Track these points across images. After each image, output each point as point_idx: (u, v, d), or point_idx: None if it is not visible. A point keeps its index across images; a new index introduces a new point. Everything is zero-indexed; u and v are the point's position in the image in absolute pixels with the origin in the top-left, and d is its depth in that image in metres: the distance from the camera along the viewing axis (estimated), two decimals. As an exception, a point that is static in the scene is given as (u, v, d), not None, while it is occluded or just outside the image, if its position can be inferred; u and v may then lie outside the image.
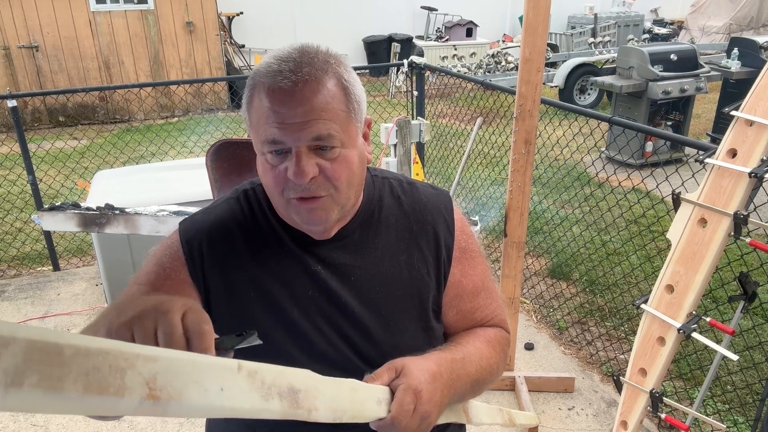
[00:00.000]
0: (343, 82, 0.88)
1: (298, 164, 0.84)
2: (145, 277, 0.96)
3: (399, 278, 0.99)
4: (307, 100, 0.84)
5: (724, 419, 2.44)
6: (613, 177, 3.87)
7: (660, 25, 12.51)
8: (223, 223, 0.98)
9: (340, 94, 0.87)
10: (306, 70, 0.85)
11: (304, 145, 0.85)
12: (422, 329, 1.00)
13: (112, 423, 2.48)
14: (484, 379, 0.98)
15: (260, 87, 0.86)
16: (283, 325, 0.95)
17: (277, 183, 0.88)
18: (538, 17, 2.06)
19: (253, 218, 0.99)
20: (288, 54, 0.87)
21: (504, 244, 2.43)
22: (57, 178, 4.60)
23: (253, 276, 0.96)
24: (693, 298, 1.75)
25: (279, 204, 0.92)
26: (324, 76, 0.86)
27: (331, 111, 0.85)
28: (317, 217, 0.90)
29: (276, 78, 0.85)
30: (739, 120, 1.71)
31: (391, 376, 0.82)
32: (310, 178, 0.85)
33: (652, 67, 5.35)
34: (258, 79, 0.87)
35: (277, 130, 0.84)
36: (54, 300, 3.45)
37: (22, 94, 4.98)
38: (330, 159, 0.87)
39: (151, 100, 7.64)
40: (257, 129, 0.88)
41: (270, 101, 0.85)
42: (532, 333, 3.10)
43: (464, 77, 4.14)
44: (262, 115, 0.86)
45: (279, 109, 0.84)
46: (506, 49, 9.22)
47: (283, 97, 0.84)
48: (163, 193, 3.07)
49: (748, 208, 1.70)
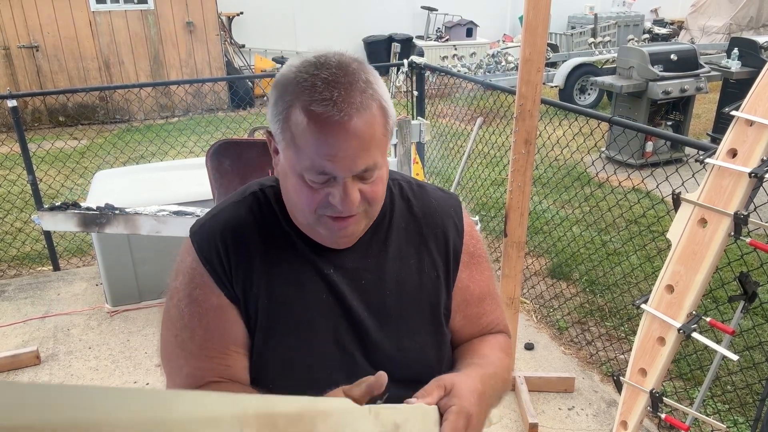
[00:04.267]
0: (383, 104, 0.86)
1: (346, 194, 0.85)
2: (189, 321, 0.94)
3: (409, 282, 0.98)
4: (360, 133, 0.82)
5: (724, 419, 2.44)
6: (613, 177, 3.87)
7: (660, 25, 12.51)
8: (234, 227, 0.95)
9: (381, 118, 0.85)
10: (357, 97, 0.82)
11: (352, 175, 0.85)
12: (431, 333, 0.99)
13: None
14: (505, 390, 1.00)
15: (305, 107, 0.82)
16: (295, 327, 0.95)
17: (312, 202, 0.87)
18: (538, 17, 2.06)
19: (264, 221, 0.97)
20: (333, 75, 0.82)
21: (504, 244, 2.43)
22: (57, 178, 4.60)
23: (267, 278, 0.95)
24: (693, 298, 1.75)
25: (306, 219, 0.91)
26: (371, 102, 0.83)
27: (377, 139, 0.85)
28: (348, 233, 0.91)
29: (328, 108, 0.80)
30: (739, 120, 1.71)
31: (440, 395, 0.82)
32: (356, 204, 0.86)
33: (653, 67, 5.35)
34: (301, 98, 0.82)
35: (329, 163, 0.82)
36: (54, 300, 3.45)
37: (22, 94, 4.98)
38: (370, 182, 0.87)
39: (151, 100, 7.63)
40: (298, 151, 0.84)
41: (320, 129, 0.81)
42: (532, 333, 3.10)
43: (464, 77, 4.14)
44: (308, 142, 0.82)
45: (332, 142, 0.81)
46: (506, 49, 9.22)
47: (336, 130, 0.81)
48: (163, 193, 3.07)
49: (749, 208, 1.70)
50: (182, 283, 0.95)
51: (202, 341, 0.93)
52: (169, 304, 0.96)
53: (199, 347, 0.93)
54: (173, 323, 0.95)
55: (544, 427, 2.44)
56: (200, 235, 0.95)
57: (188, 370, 0.94)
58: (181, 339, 0.94)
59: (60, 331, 3.13)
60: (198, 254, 0.94)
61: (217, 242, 0.94)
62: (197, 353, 0.93)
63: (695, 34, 11.31)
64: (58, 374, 2.78)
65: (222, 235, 0.94)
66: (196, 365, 0.94)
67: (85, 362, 2.87)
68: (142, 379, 2.72)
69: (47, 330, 3.14)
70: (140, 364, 2.85)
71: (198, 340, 0.93)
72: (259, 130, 2.59)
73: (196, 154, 5.20)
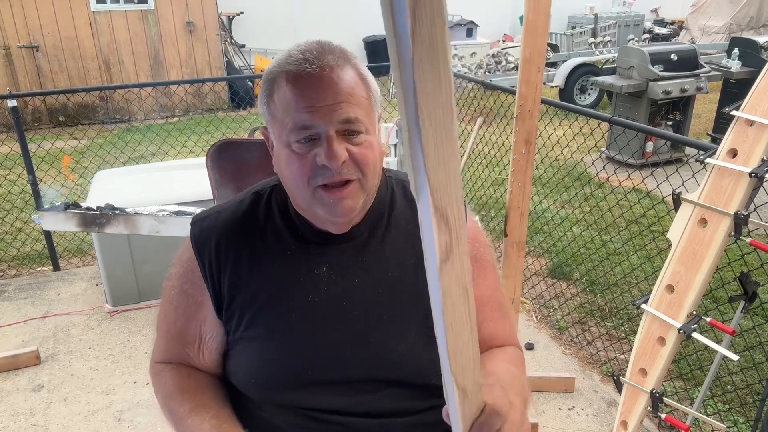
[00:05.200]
0: (362, 72, 0.90)
1: (330, 148, 0.85)
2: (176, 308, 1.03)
3: (404, 282, 0.98)
4: (335, 84, 0.85)
5: (724, 419, 2.44)
6: (613, 177, 3.87)
7: (660, 25, 12.51)
8: (230, 225, 0.99)
9: (360, 82, 0.89)
10: (330, 57, 0.86)
11: (334, 129, 0.85)
12: (423, 335, 0.98)
13: (112, 423, 2.48)
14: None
15: (282, 77, 0.87)
16: (279, 327, 0.95)
17: (303, 172, 0.87)
18: (539, 17, 2.06)
19: (261, 220, 0.99)
20: (307, 45, 0.88)
21: (504, 244, 2.43)
22: (57, 178, 4.60)
23: (255, 277, 0.96)
24: (693, 298, 1.75)
25: (303, 197, 0.91)
26: (346, 64, 0.88)
27: (356, 96, 0.87)
28: (345, 206, 0.89)
29: (302, 65, 0.85)
30: (739, 120, 1.71)
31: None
32: (342, 161, 0.85)
33: (653, 67, 5.35)
34: (279, 70, 0.87)
35: (308, 115, 0.84)
36: (54, 300, 3.45)
37: (22, 94, 4.99)
38: (357, 144, 0.87)
39: (151, 100, 7.63)
40: (283, 119, 0.87)
41: (297, 87, 0.85)
42: (532, 333, 3.10)
43: (464, 77, 4.14)
44: (288, 104, 0.86)
45: (308, 94, 0.84)
46: (506, 49, 9.21)
47: (311, 82, 0.84)
48: (163, 193, 3.07)
49: (749, 208, 1.70)
50: (178, 273, 1.03)
51: (182, 329, 1.03)
52: (167, 285, 1.05)
53: (178, 333, 1.03)
54: (166, 302, 1.05)
55: (544, 427, 2.44)
56: (199, 227, 1.00)
57: (165, 344, 1.07)
58: (168, 319, 1.05)
59: (60, 331, 3.13)
60: (193, 247, 0.99)
61: (212, 239, 0.98)
62: (175, 336, 1.04)
63: (695, 34, 11.30)
64: (58, 374, 2.78)
65: (218, 232, 0.98)
66: (171, 345, 1.05)
67: (85, 362, 2.87)
68: (143, 379, 2.72)
69: (47, 330, 3.14)
70: (140, 364, 2.85)
71: (179, 326, 1.03)
72: (259, 129, 2.59)
73: (196, 154, 5.20)
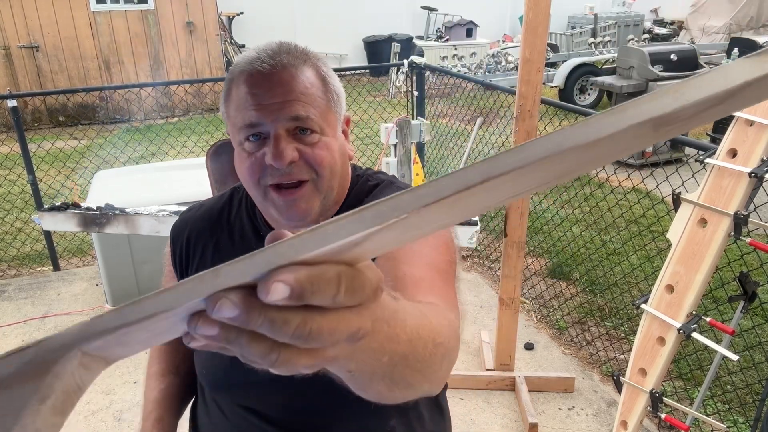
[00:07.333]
0: (322, 72, 0.86)
1: (277, 146, 0.81)
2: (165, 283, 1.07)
3: None
4: (285, 82, 0.82)
5: (724, 419, 2.44)
6: (613, 177, 3.87)
7: (660, 25, 12.51)
8: (202, 220, 1.02)
9: (318, 82, 0.85)
10: (284, 56, 0.83)
11: (283, 128, 0.82)
12: None
13: (112, 423, 2.48)
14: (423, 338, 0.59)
15: (238, 77, 0.84)
16: None
17: (253, 171, 0.84)
18: (538, 17, 2.06)
19: (228, 216, 1.00)
20: (266, 45, 0.86)
21: (504, 244, 2.43)
22: (57, 178, 4.60)
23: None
24: (693, 298, 1.75)
25: (256, 197, 0.88)
26: (303, 64, 0.84)
27: (309, 95, 0.83)
28: (298, 209, 0.85)
29: (254, 63, 0.83)
30: (739, 120, 1.71)
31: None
32: (289, 161, 0.81)
33: (652, 67, 5.36)
34: (236, 70, 0.85)
35: (254, 112, 0.82)
36: (54, 300, 3.45)
37: (22, 94, 4.99)
38: (310, 144, 0.83)
39: (151, 100, 7.63)
40: (235, 118, 0.85)
41: (247, 86, 0.83)
42: (532, 333, 3.10)
43: (464, 77, 4.15)
44: (239, 103, 0.83)
45: (256, 92, 0.82)
46: (506, 49, 9.22)
47: (260, 80, 0.82)
48: (163, 193, 3.07)
49: (748, 208, 1.70)
50: (165, 257, 1.08)
51: None
52: (165, 262, 1.09)
53: None
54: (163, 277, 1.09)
55: (544, 427, 2.44)
56: (181, 218, 1.05)
57: None
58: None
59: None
60: (170, 236, 1.05)
61: (185, 230, 1.02)
62: None
63: (695, 34, 11.31)
64: (58, 374, 2.79)
65: (192, 224, 1.02)
66: None
67: (85, 362, 2.87)
68: (143, 379, 2.72)
69: (47, 330, 3.14)
70: (140, 364, 2.84)
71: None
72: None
73: (196, 154, 5.20)
